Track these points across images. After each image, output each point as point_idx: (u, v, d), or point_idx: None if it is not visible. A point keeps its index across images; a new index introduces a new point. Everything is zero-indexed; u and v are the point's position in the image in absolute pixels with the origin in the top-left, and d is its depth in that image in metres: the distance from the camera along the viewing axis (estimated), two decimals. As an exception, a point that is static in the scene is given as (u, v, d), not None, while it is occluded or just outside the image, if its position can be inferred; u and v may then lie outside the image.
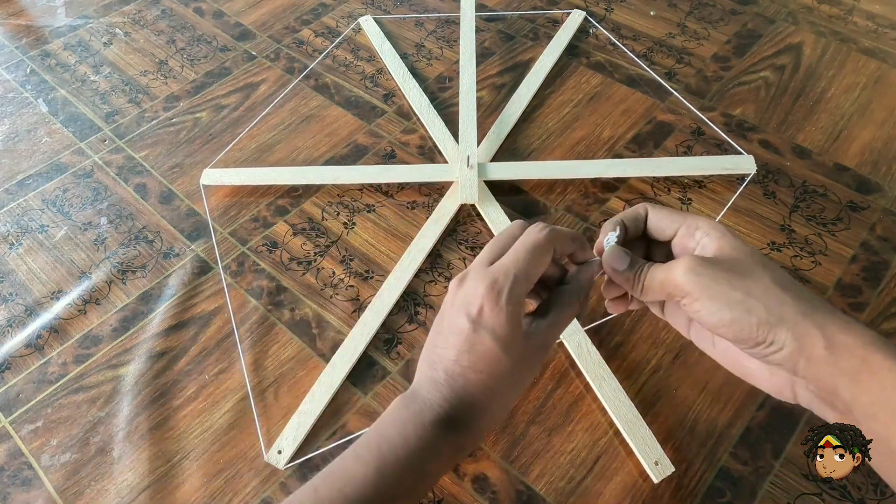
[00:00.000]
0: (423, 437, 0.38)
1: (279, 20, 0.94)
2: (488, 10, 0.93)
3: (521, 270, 0.39)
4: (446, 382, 0.40)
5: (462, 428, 0.39)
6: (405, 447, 0.38)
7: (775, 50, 0.85)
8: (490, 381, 0.39)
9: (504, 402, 0.41)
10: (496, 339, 0.38)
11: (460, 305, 0.39)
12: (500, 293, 0.38)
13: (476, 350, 0.39)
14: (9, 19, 0.98)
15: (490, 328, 0.38)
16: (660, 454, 0.52)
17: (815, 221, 0.67)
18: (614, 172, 0.71)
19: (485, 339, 0.38)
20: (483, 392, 0.39)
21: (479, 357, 0.39)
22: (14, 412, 0.58)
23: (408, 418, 0.39)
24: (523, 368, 0.40)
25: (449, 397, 0.39)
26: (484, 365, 0.39)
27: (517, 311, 0.39)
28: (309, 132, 0.79)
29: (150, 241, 0.70)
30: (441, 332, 0.41)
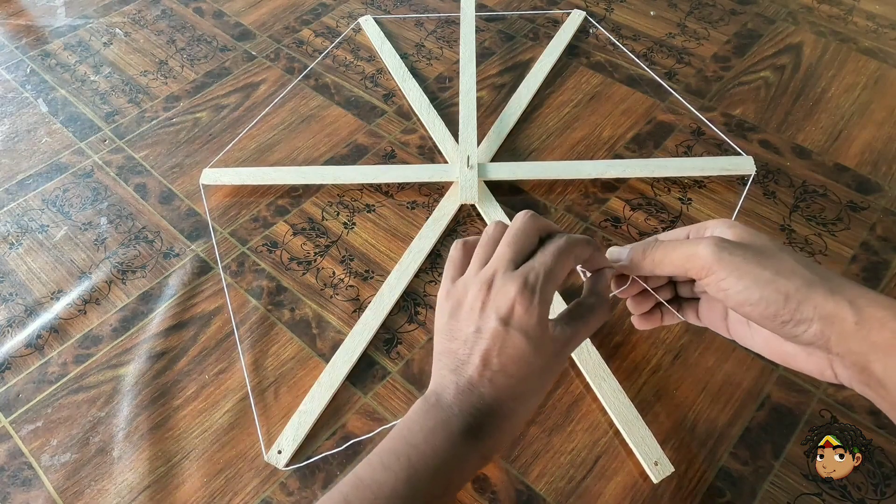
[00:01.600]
0: (453, 446, 0.38)
1: (279, 20, 0.94)
2: (488, 10, 0.93)
3: (550, 272, 0.39)
4: (474, 389, 0.39)
5: (488, 436, 0.39)
6: (434, 457, 0.37)
7: (775, 50, 0.85)
8: (519, 386, 0.39)
9: (528, 407, 0.40)
10: (528, 339, 0.38)
11: (491, 310, 0.39)
12: (532, 293, 0.38)
13: (506, 352, 0.38)
14: (9, 19, 0.98)
15: (523, 329, 0.38)
16: (659, 454, 0.52)
17: (815, 221, 0.67)
18: (614, 172, 0.71)
19: (517, 341, 0.38)
20: (511, 397, 0.39)
21: (509, 359, 0.38)
22: (14, 412, 0.58)
23: (436, 426, 0.38)
24: (548, 373, 0.40)
25: (477, 404, 0.38)
26: (515, 368, 0.38)
27: (546, 313, 0.39)
28: (309, 132, 0.79)
29: (150, 241, 0.70)
30: (460, 336, 0.40)
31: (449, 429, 0.38)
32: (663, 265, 0.38)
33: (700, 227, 0.40)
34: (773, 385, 0.56)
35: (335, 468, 0.54)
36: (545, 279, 0.39)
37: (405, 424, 0.39)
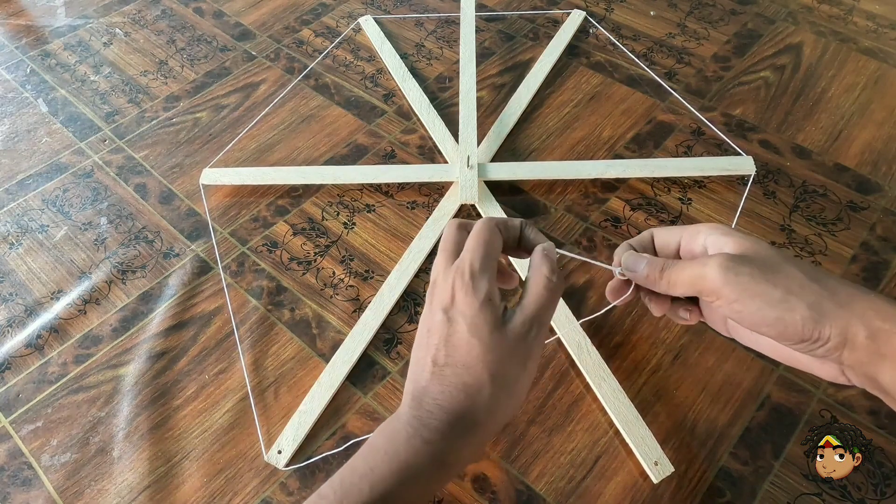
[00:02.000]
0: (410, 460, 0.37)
1: (279, 20, 0.94)
2: (488, 10, 0.93)
3: (478, 255, 0.39)
4: (427, 393, 0.38)
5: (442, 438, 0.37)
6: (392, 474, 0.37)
7: (775, 50, 0.85)
8: (471, 378, 0.37)
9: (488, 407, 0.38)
10: (470, 325, 0.37)
11: (436, 304, 0.39)
12: (470, 278, 0.38)
13: (451, 341, 0.38)
14: (9, 19, 0.98)
15: (463, 315, 0.38)
16: (659, 454, 0.52)
17: (815, 221, 0.67)
18: (614, 172, 0.71)
19: (459, 328, 0.38)
20: (461, 390, 0.37)
21: (455, 350, 0.38)
22: (14, 412, 0.58)
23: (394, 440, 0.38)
24: (507, 363, 0.38)
25: (428, 405, 0.38)
26: (463, 358, 0.37)
27: (487, 297, 0.38)
28: (309, 132, 0.79)
29: (150, 241, 0.70)
30: (419, 342, 0.40)
31: (406, 442, 0.37)
32: (676, 287, 0.38)
33: (693, 232, 0.39)
34: (773, 385, 0.56)
35: (335, 468, 0.53)
36: (475, 263, 0.39)
37: (368, 443, 0.39)
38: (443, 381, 0.38)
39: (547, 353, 0.59)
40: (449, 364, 0.38)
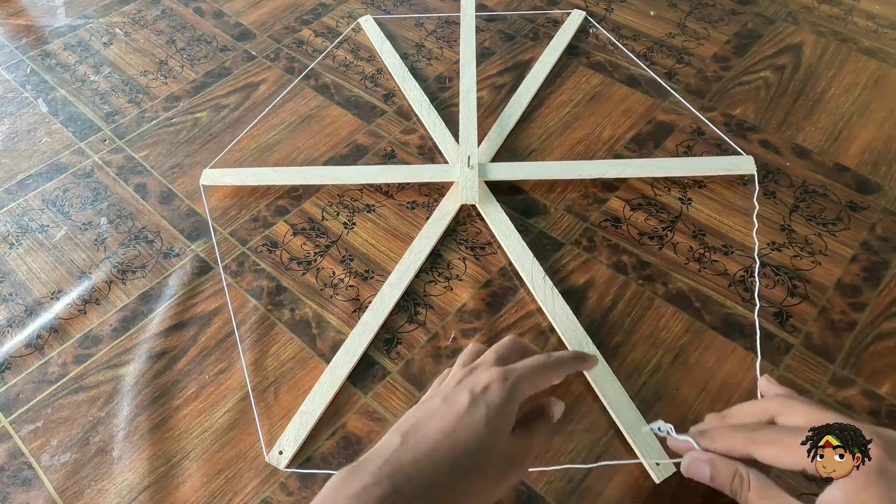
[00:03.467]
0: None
1: (279, 20, 0.94)
2: (488, 10, 0.93)
3: (530, 373, 0.43)
4: (409, 449, 0.38)
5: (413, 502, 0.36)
6: None
7: (775, 50, 0.85)
8: (461, 457, 0.38)
9: (465, 492, 0.38)
10: (488, 412, 0.39)
11: (467, 384, 0.41)
12: (508, 378, 0.41)
13: (463, 420, 0.39)
14: (9, 19, 0.98)
15: (487, 402, 0.40)
16: (661, 454, 0.52)
17: (815, 221, 0.67)
18: (614, 172, 0.71)
19: (477, 412, 0.39)
20: (449, 464, 0.37)
21: (462, 426, 0.39)
22: (14, 412, 0.58)
23: (344, 502, 0.36)
24: (497, 467, 0.40)
25: (407, 465, 0.37)
26: (464, 435, 0.38)
27: (514, 403, 0.41)
28: (309, 132, 0.79)
29: (150, 241, 0.70)
30: (427, 405, 0.41)
31: (366, 495, 0.36)
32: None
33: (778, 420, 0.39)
34: (774, 385, 0.56)
35: (335, 468, 0.54)
36: (523, 376, 0.42)
37: (323, 495, 0.37)
38: (435, 449, 0.38)
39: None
40: (449, 436, 0.39)
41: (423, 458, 0.38)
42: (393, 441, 0.39)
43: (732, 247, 0.65)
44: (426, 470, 0.37)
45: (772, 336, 0.59)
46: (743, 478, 0.39)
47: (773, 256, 0.65)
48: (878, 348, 0.58)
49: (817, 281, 0.63)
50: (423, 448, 0.38)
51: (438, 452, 0.38)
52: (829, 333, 0.59)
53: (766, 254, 0.65)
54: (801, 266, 0.64)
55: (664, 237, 0.67)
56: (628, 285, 0.63)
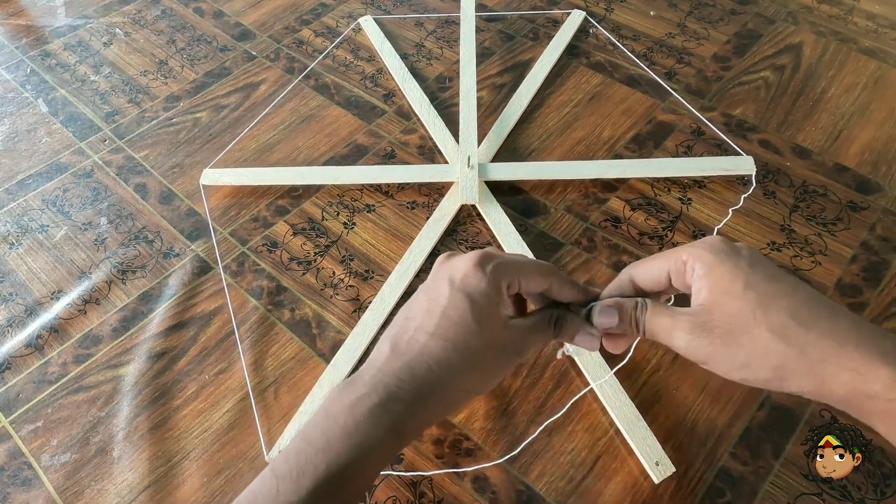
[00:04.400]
0: (360, 437, 0.35)
1: (279, 20, 0.94)
2: (488, 10, 0.93)
3: (513, 262, 0.39)
4: (400, 354, 0.37)
5: (406, 408, 0.36)
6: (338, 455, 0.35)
7: (775, 50, 0.85)
8: (452, 353, 0.37)
9: (462, 388, 0.38)
10: (472, 303, 0.37)
11: (444, 275, 0.39)
12: (487, 263, 0.38)
13: (448, 314, 0.37)
14: (9, 19, 0.98)
15: (468, 292, 0.37)
16: (660, 454, 0.52)
17: (815, 221, 0.67)
18: (614, 172, 0.71)
19: (460, 303, 0.37)
20: (441, 364, 0.37)
21: (449, 322, 0.37)
22: (14, 412, 0.58)
23: (340, 411, 0.36)
24: (492, 357, 0.38)
25: (398, 371, 0.37)
26: (452, 332, 0.37)
27: (499, 288, 0.38)
28: (309, 132, 0.79)
29: (150, 241, 0.70)
30: (411, 305, 0.39)
31: (368, 412, 0.36)
32: (654, 336, 0.38)
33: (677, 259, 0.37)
34: (773, 385, 0.56)
35: (335, 468, 0.54)
36: (502, 262, 0.39)
37: (324, 409, 0.37)
38: (424, 351, 0.37)
39: (547, 353, 0.59)
40: (437, 335, 0.37)
41: (415, 361, 0.37)
42: (383, 350, 0.38)
43: (732, 247, 0.65)
44: (419, 372, 0.37)
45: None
46: (640, 304, 0.39)
47: (772, 256, 0.65)
48: (878, 348, 0.58)
49: (817, 281, 0.63)
50: (413, 351, 0.37)
51: (429, 353, 0.37)
52: (829, 333, 0.59)
53: (766, 254, 0.65)
54: (801, 266, 0.64)
55: (664, 237, 0.67)
56: (628, 285, 0.63)
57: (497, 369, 0.40)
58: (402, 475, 0.53)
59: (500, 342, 0.38)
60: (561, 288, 0.41)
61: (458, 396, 0.39)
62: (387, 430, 0.36)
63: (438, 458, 0.54)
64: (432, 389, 0.37)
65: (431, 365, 0.37)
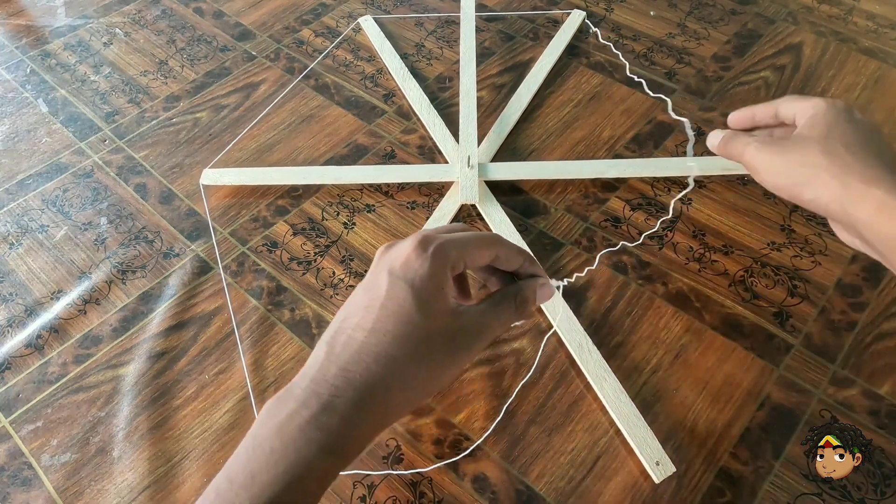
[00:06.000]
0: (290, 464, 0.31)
1: (279, 20, 0.94)
2: (488, 10, 0.93)
3: (456, 240, 0.36)
4: (335, 358, 0.33)
5: (343, 420, 0.32)
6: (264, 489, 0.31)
7: (775, 50, 0.85)
8: (394, 348, 0.33)
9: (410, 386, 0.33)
10: (413, 289, 0.33)
11: (383, 266, 0.35)
12: (428, 245, 0.35)
13: (387, 306, 0.33)
14: (9, 19, 0.98)
15: (409, 279, 0.34)
16: (661, 454, 0.52)
17: (815, 221, 0.67)
18: (614, 172, 0.71)
19: (399, 292, 0.33)
20: (381, 362, 0.33)
21: (388, 314, 0.33)
22: (14, 412, 0.58)
23: (267, 435, 0.32)
24: (441, 348, 0.34)
25: (333, 378, 0.32)
26: (392, 324, 0.33)
27: (443, 272, 0.35)
28: (309, 132, 0.79)
29: (150, 241, 0.70)
30: (349, 303, 0.36)
31: (299, 431, 0.32)
32: (732, 158, 0.50)
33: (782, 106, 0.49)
34: (773, 385, 0.56)
35: (335, 468, 0.54)
36: (446, 242, 0.35)
37: (251, 435, 0.34)
38: (361, 350, 0.33)
39: (547, 353, 0.59)
40: (376, 331, 0.33)
41: (351, 363, 0.33)
42: (318, 354, 0.34)
43: (732, 247, 0.65)
44: (357, 375, 0.32)
45: (772, 336, 0.59)
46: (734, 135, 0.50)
47: (772, 256, 0.65)
48: (878, 348, 0.58)
49: (817, 281, 0.63)
50: (350, 352, 0.33)
51: (367, 351, 0.33)
52: (829, 333, 0.59)
53: (766, 254, 0.65)
54: (801, 266, 0.64)
55: (664, 237, 0.67)
56: (628, 285, 0.63)
57: (450, 361, 0.35)
58: (401, 475, 0.53)
59: (450, 330, 0.35)
60: (508, 256, 0.39)
61: (407, 397, 0.34)
62: (321, 450, 0.32)
63: (438, 458, 0.54)
64: (374, 393, 0.33)
65: (370, 364, 0.33)
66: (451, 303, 0.35)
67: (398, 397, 0.34)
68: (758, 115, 0.51)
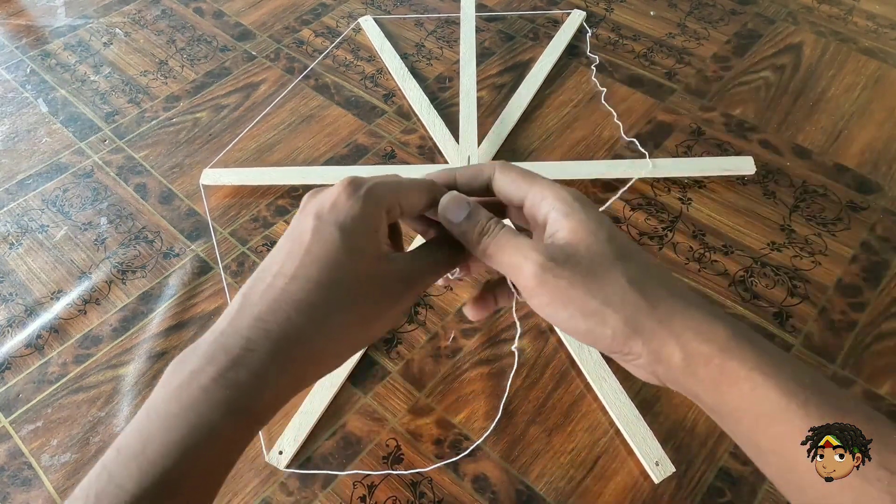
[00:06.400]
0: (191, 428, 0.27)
1: (279, 20, 0.94)
2: (488, 10, 0.93)
3: (390, 181, 0.34)
4: (250, 308, 0.29)
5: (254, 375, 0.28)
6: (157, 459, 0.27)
7: (775, 50, 0.85)
8: (317, 294, 0.30)
9: (334, 337, 0.30)
10: (342, 231, 0.30)
11: (310, 209, 0.32)
12: (359, 186, 0.32)
13: (312, 251, 0.30)
14: (9, 19, 0.98)
15: (338, 221, 0.31)
16: (661, 454, 0.52)
17: (815, 221, 0.67)
18: (614, 172, 0.71)
19: (327, 235, 0.30)
20: (302, 310, 0.29)
21: (313, 259, 0.30)
22: (14, 412, 0.58)
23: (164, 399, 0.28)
24: (371, 294, 0.31)
25: (245, 329, 0.29)
26: (316, 269, 0.30)
27: (377, 214, 0.32)
28: (309, 132, 0.79)
29: (150, 241, 0.70)
30: (272, 253, 0.32)
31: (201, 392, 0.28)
32: (491, 260, 0.33)
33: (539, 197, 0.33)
34: (773, 385, 0.56)
35: (334, 468, 0.54)
36: (383, 183, 0.33)
37: (147, 402, 0.30)
38: (280, 297, 0.30)
39: (547, 353, 0.59)
40: (298, 277, 0.30)
41: (268, 312, 0.29)
42: (232, 306, 0.31)
43: (732, 247, 0.65)
44: (275, 325, 0.29)
45: (772, 336, 0.59)
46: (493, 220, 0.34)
47: (773, 256, 0.65)
48: (878, 348, 0.58)
49: (817, 281, 0.63)
50: (267, 300, 0.30)
51: (286, 299, 0.30)
52: (829, 333, 0.59)
53: (766, 254, 0.65)
54: (801, 266, 0.64)
55: (664, 237, 0.67)
56: (628, 285, 0.63)
57: (381, 310, 0.32)
58: (401, 475, 0.53)
59: (380, 276, 0.32)
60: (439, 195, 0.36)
61: (332, 348, 0.31)
62: (229, 411, 0.28)
63: (438, 458, 0.54)
64: (294, 344, 0.29)
65: (290, 313, 0.29)
66: (383, 248, 0.33)
67: (323, 349, 0.30)
68: (461, 180, 0.37)
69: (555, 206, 0.32)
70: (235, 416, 0.28)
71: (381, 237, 0.33)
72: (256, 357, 0.29)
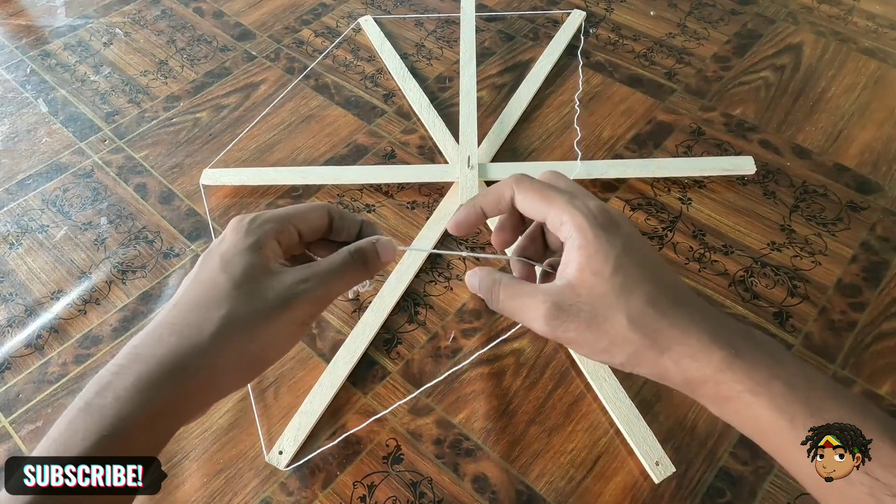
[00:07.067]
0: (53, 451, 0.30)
1: (279, 20, 0.94)
2: (488, 10, 0.93)
3: (278, 211, 0.37)
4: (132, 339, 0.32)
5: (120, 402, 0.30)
6: None
7: (775, 50, 0.85)
8: (194, 314, 0.32)
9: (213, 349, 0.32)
10: (222, 258, 0.34)
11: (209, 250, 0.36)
12: (248, 223, 0.36)
13: (198, 278, 0.34)
14: (9, 19, 0.98)
15: (222, 251, 0.34)
16: (661, 454, 0.52)
17: (815, 221, 0.67)
18: (614, 172, 0.71)
19: (210, 263, 0.34)
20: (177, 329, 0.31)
21: (195, 284, 0.33)
22: (14, 412, 0.58)
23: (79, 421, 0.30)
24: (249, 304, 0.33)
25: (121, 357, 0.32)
26: (196, 291, 0.33)
27: (261, 238, 0.35)
28: (309, 132, 0.79)
29: (150, 241, 0.70)
30: None
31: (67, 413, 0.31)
32: (505, 312, 0.37)
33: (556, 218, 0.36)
34: (773, 385, 0.56)
35: (335, 468, 0.54)
36: (272, 213, 0.37)
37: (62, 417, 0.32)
38: (156, 322, 0.33)
39: (547, 353, 0.59)
40: (179, 303, 0.33)
41: (140, 338, 0.32)
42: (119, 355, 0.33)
43: (732, 247, 0.65)
44: (143, 349, 0.32)
45: (772, 336, 0.59)
46: (497, 281, 0.37)
47: (773, 256, 0.65)
48: (878, 348, 0.58)
49: (817, 281, 0.63)
50: (145, 329, 0.33)
51: (162, 324, 0.32)
52: (829, 333, 0.59)
53: (766, 254, 0.65)
54: (801, 266, 0.64)
55: (664, 237, 0.67)
56: (628, 285, 0.63)
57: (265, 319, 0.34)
58: (401, 475, 0.53)
59: (261, 288, 0.34)
60: (343, 222, 0.39)
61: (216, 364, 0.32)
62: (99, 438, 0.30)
63: (438, 458, 0.54)
64: (161, 363, 0.31)
65: (161, 334, 0.32)
66: (271, 265, 0.35)
67: (200, 365, 0.32)
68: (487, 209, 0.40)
69: (570, 236, 0.35)
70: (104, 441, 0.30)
71: (267, 255, 0.35)
72: (121, 380, 0.31)
